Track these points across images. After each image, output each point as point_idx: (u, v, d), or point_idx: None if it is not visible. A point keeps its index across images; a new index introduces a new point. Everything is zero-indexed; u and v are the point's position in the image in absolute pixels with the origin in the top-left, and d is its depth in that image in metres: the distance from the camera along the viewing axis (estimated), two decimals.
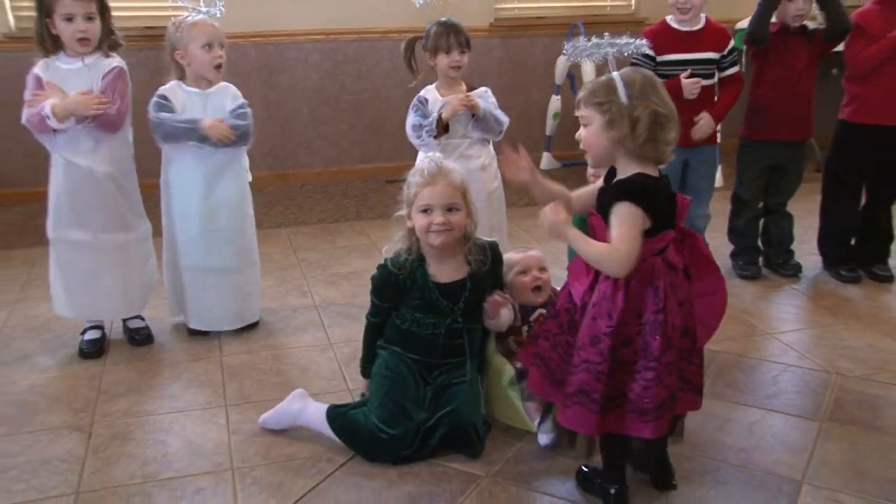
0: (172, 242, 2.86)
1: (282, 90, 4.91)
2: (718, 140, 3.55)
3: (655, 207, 1.72)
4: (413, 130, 2.89)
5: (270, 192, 4.65)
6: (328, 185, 5.02)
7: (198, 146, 2.69)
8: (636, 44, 1.83)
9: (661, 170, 1.81)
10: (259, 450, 2.19)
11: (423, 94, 2.92)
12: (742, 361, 2.62)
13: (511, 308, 2.29)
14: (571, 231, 1.77)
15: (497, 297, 2.23)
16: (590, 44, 1.81)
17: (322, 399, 2.32)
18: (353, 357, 2.64)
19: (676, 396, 1.79)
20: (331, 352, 2.77)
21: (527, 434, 2.18)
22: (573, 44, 1.85)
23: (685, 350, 1.80)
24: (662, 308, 1.72)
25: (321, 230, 4.20)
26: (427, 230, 2.12)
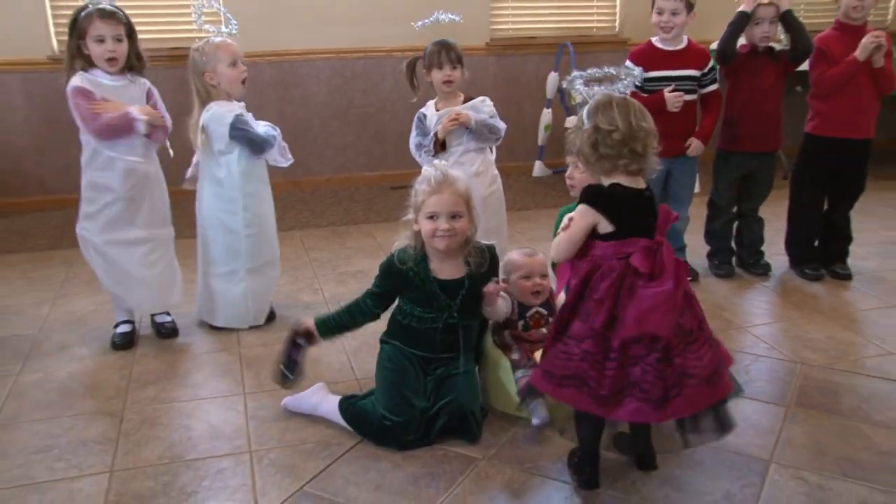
0: (205, 245, 2.88)
1: (295, 104, 4.93)
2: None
3: (615, 212, 1.74)
4: (416, 149, 2.91)
5: (284, 198, 4.65)
6: (337, 191, 5.03)
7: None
8: (634, 76, 2.02)
9: (650, 179, 1.82)
10: (274, 434, 2.20)
11: (423, 110, 2.93)
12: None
13: (509, 302, 2.30)
14: None
15: (495, 286, 2.21)
16: (598, 88, 1.89)
17: (331, 388, 2.34)
18: (361, 349, 2.67)
19: (642, 385, 1.71)
20: (340, 344, 2.77)
21: (520, 420, 2.19)
22: (585, 90, 1.91)
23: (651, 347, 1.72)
24: (601, 299, 1.71)
25: (331, 232, 4.20)
26: (433, 235, 2.12)
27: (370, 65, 4.95)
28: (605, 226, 1.75)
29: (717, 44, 3.17)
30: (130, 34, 2.62)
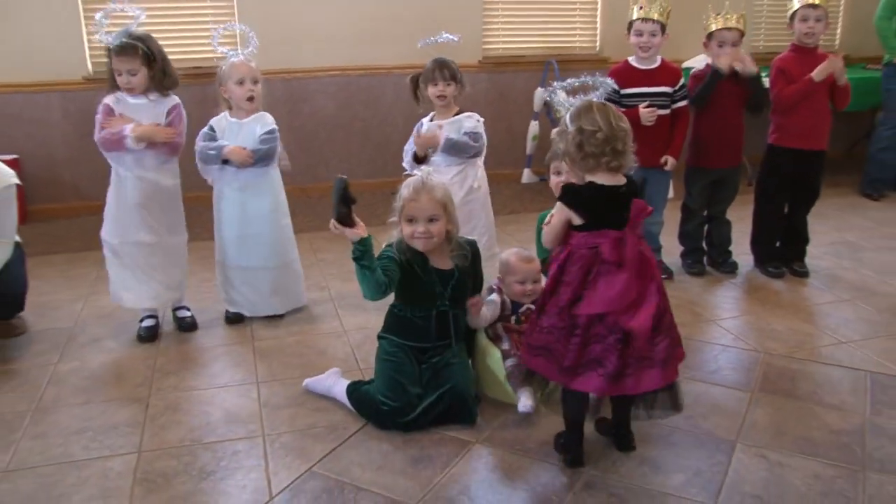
0: (221, 245, 2.90)
1: (304, 117, 4.93)
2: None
3: (583, 208, 1.80)
4: (405, 155, 2.91)
5: (293, 203, 4.49)
6: None
7: (223, 168, 2.75)
8: (608, 85, 2.09)
9: (631, 175, 1.85)
10: (285, 419, 2.21)
11: (423, 119, 2.94)
12: (690, 343, 2.63)
13: (496, 304, 2.32)
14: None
15: (476, 300, 2.26)
16: (576, 99, 1.94)
17: None
18: (364, 342, 2.68)
19: (602, 361, 1.76)
20: (345, 337, 2.79)
21: (510, 406, 2.20)
22: (566, 100, 1.97)
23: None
24: (569, 282, 1.79)
25: (336, 235, 4.18)
26: (412, 237, 2.16)
27: (373, 81, 4.96)
28: (576, 219, 1.82)
29: (694, 95, 3.18)
30: (150, 62, 2.61)
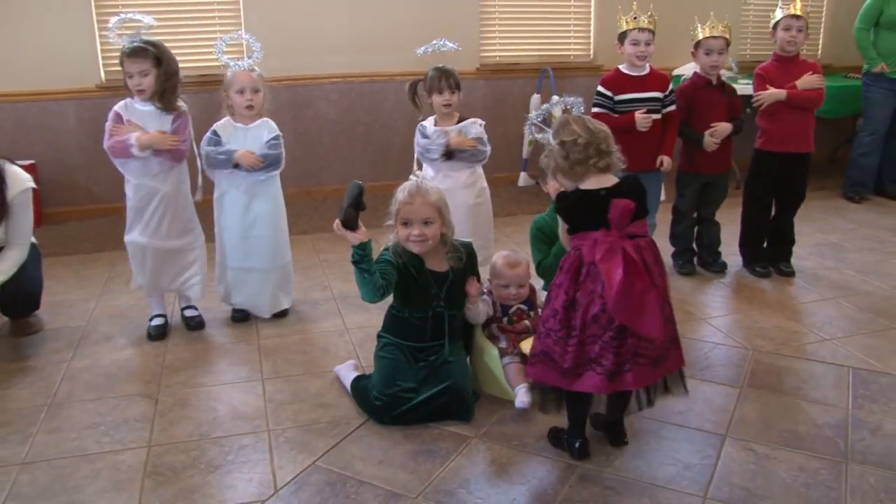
0: (222, 246, 2.88)
1: (307, 122, 4.92)
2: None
3: (563, 215, 1.86)
4: (424, 153, 2.89)
5: (297, 206, 4.62)
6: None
7: (232, 172, 2.73)
8: (573, 102, 2.16)
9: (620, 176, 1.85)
10: (290, 415, 2.21)
11: (424, 123, 2.92)
12: (681, 341, 2.63)
13: (489, 304, 2.32)
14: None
15: (476, 286, 2.23)
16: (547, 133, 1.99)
17: None
18: (366, 340, 2.67)
19: (600, 360, 1.75)
20: (347, 336, 2.78)
21: (507, 402, 2.20)
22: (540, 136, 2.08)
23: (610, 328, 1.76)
24: (559, 284, 1.80)
25: (339, 236, 4.17)
26: (407, 239, 2.15)
27: (374, 87, 4.95)
28: (563, 225, 1.88)
29: (680, 133, 3.21)
30: (160, 63, 2.59)
